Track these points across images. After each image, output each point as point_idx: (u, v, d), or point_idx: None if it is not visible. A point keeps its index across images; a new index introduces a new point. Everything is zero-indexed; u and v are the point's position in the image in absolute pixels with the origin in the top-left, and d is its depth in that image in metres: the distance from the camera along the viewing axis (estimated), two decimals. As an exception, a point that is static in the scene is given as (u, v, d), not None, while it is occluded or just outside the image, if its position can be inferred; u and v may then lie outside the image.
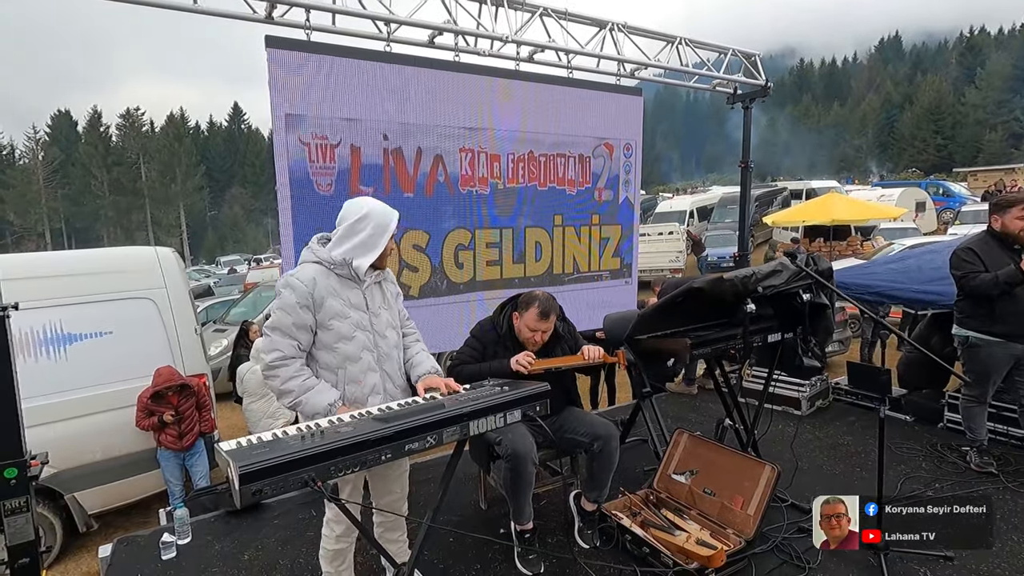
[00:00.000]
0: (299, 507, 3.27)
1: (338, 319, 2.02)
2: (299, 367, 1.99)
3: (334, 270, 2.04)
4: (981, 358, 3.27)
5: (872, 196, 19.98)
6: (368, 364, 2.07)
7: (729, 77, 5.79)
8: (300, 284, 1.98)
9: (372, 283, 2.13)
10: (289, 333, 1.98)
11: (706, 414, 4.59)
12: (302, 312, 1.99)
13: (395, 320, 2.21)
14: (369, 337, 2.08)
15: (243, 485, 1.40)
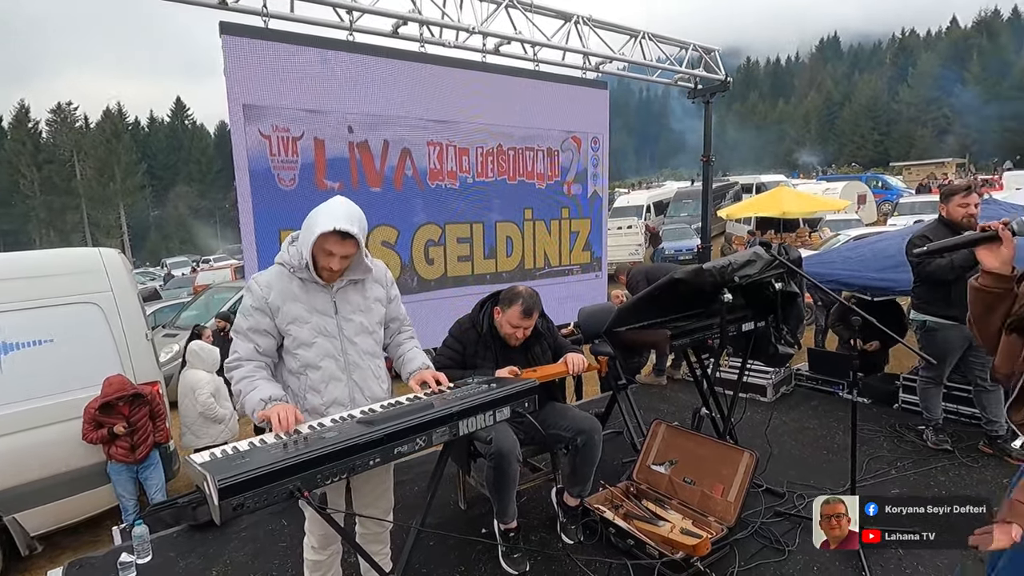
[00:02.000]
0: (269, 517, 3.11)
1: (296, 324, 1.91)
2: (252, 368, 1.89)
3: (295, 273, 1.92)
4: (938, 341, 3.41)
5: (818, 189, 20.88)
6: (331, 373, 1.94)
7: (691, 72, 5.89)
8: (257, 287, 1.91)
9: (345, 285, 1.98)
10: (247, 336, 1.91)
11: (677, 404, 4.66)
12: (258, 316, 1.90)
13: (372, 325, 2.04)
14: (335, 344, 1.95)
15: (223, 500, 1.29)
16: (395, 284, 2.19)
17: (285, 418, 1.68)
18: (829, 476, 3.20)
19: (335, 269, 1.89)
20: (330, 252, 1.85)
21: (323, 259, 1.87)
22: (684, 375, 5.25)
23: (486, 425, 1.82)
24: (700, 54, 5.95)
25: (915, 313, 3.54)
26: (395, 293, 2.18)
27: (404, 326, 2.23)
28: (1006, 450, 3.37)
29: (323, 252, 1.86)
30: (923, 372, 3.66)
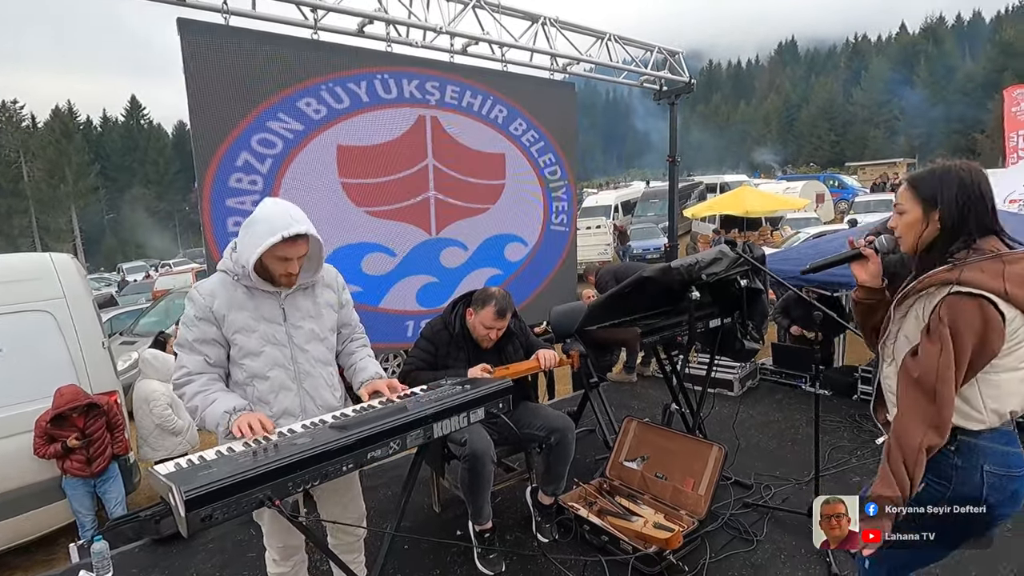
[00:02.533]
0: (237, 527, 3.03)
1: (242, 333, 1.83)
2: (205, 382, 1.81)
3: (239, 280, 1.84)
4: None
5: (778, 189, 21.52)
6: (280, 383, 1.87)
7: (656, 74, 5.98)
8: (199, 297, 1.82)
9: (294, 291, 1.90)
10: (193, 349, 1.83)
11: (647, 400, 4.73)
12: (203, 326, 1.82)
13: (323, 332, 1.97)
14: (284, 352, 1.88)
15: (190, 511, 1.25)
16: (347, 289, 2.12)
17: (257, 427, 1.63)
18: (794, 467, 3.30)
19: (295, 273, 1.83)
20: (285, 258, 1.78)
21: (280, 268, 1.80)
22: (654, 372, 5.33)
23: (460, 427, 1.81)
24: (664, 56, 6.06)
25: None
26: (347, 298, 2.10)
27: (356, 333, 2.15)
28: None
29: (278, 261, 1.78)
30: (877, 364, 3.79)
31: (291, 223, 1.74)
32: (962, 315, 1.33)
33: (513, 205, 4.81)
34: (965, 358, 1.34)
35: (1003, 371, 1.38)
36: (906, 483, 1.38)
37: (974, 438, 1.43)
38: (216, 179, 3.38)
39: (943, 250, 1.43)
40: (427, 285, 4.40)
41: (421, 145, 4.23)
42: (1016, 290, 1.32)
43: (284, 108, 3.59)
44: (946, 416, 1.36)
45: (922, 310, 1.43)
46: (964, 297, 1.34)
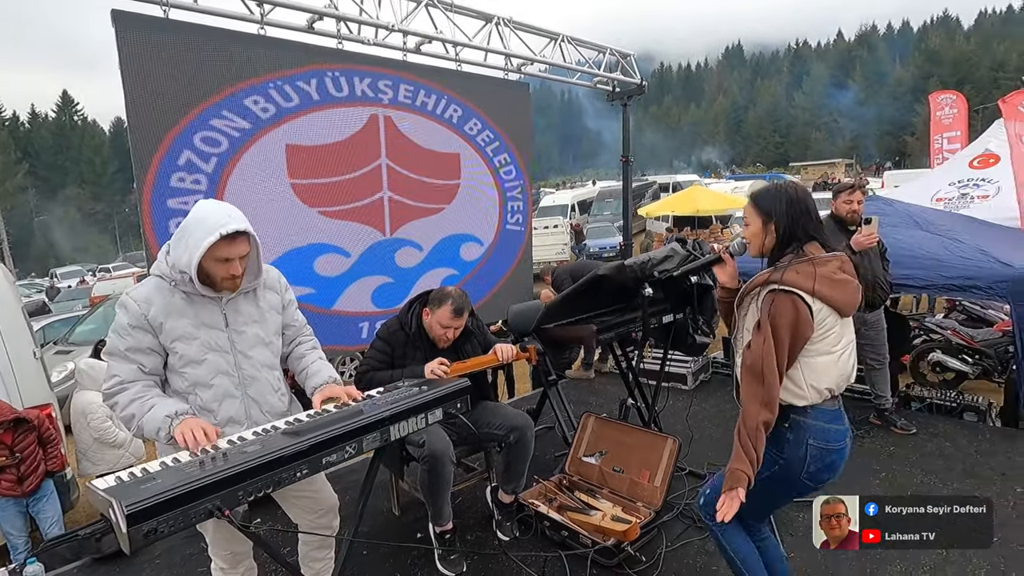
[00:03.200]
0: (185, 541, 2.90)
1: (182, 341, 1.75)
2: (140, 389, 1.72)
3: (177, 286, 1.75)
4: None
5: (727, 188, 22.29)
6: (224, 390, 1.81)
7: (609, 75, 6.09)
8: (133, 304, 1.72)
9: (236, 296, 1.82)
10: (126, 357, 1.73)
11: (605, 396, 4.81)
12: (137, 334, 1.72)
13: (268, 336, 1.90)
14: (228, 359, 1.81)
15: (132, 526, 1.19)
16: (290, 289, 2.05)
17: (200, 436, 1.56)
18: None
19: (238, 274, 1.75)
20: (226, 259, 1.70)
21: (221, 270, 1.72)
22: (611, 368, 5.43)
23: (418, 428, 1.79)
24: (617, 58, 6.17)
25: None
26: (290, 297, 2.03)
27: (303, 335, 2.08)
28: (892, 421, 3.75)
29: (218, 263, 1.70)
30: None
31: (228, 220, 1.67)
32: (779, 309, 1.61)
33: (468, 205, 4.81)
34: (784, 345, 1.61)
35: (818, 355, 1.67)
36: (753, 456, 1.60)
37: (802, 416, 1.69)
38: (157, 179, 3.23)
39: (779, 254, 1.70)
40: (382, 286, 4.34)
41: (374, 144, 4.17)
42: (823, 288, 1.61)
43: (229, 106, 3.46)
44: (773, 395, 1.61)
45: (755, 307, 1.69)
46: (781, 294, 1.61)
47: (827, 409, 1.71)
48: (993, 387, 5.01)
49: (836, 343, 1.68)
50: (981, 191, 6.17)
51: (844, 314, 1.68)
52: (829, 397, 1.70)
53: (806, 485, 1.75)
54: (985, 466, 3.23)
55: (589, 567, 2.43)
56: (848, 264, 1.71)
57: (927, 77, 52.40)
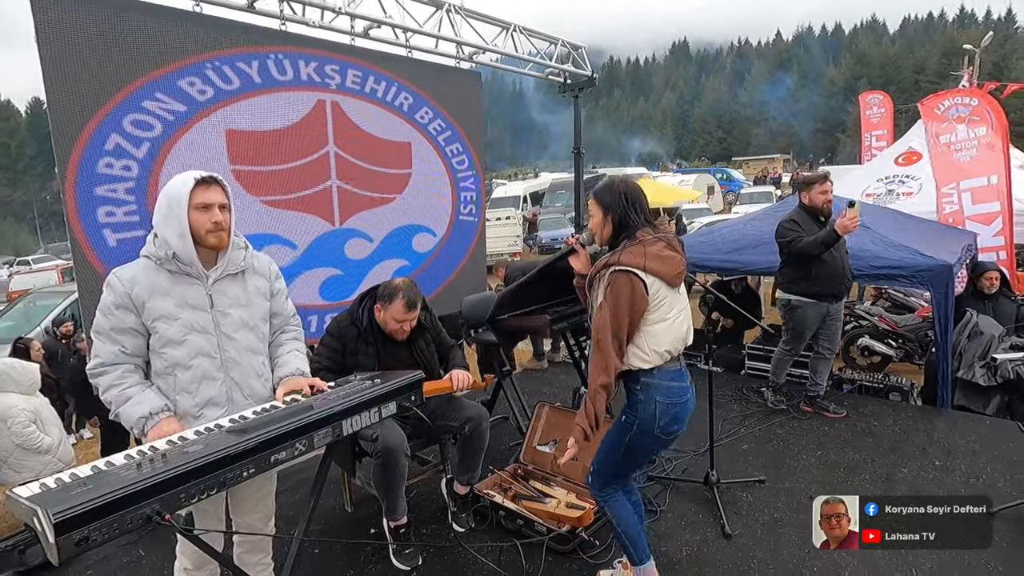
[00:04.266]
0: (122, 548, 2.75)
1: (163, 321, 1.75)
2: (120, 375, 1.74)
3: (163, 265, 1.76)
4: (799, 318, 3.79)
5: (674, 181, 22.94)
6: (204, 372, 1.79)
7: (560, 67, 6.11)
8: (118, 283, 1.74)
9: (223, 276, 1.83)
10: (110, 337, 1.74)
11: (558, 386, 4.87)
12: (121, 314, 1.73)
13: (253, 320, 1.90)
14: (211, 341, 1.80)
15: (61, 535, 1.11)
16: (281, 278, 2.05)
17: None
18: (691, 439, 3.52)
19: (220, 221, 1.76)
20: (204, 205, 1.73)
21: (205, 219, 1.74)
22: (564, 358, 5.50)
23: (371, 423, 1.76)
24: (568, 50, 6.19)
25: (780, 293, 3.88)
26: (280, 287, 2.03)
27: (289, 325, 2.07)
28: (823, 407, 3.93)
29: (199, 211, 1.73)
30: (783, 344, 4.00)
31: (199, 172, 1.75)
32: (618, 287, 1.86)
33: (420, 195, 4.72)
34: (625, 317, 1.85)
35: (656, 323, 1.92)
36: (591, 413, 1.89)
37: (649, 377, 1.96)
38: (82, 164, 3.00)
39: (616, 240, 1.97)
40: (331, 278, 4.22)
41: (321, 131, 4.02)
42: (652, 264, 1.87)
43: (163, 87, 3.25)
44: (610, 362, 1.86)
45: (601, 287, 1.92)
46: (619, 273, 1.86)
47: (669, 369, 1.98)
48: (915, 369, 5.40)
49: (669, 311, 1.94)
50: (906, 188, 6.60)
51: (673, 285, 1.95)
52: (670, 358, 1.97)
53: (660, 439, 2.03)
54: (908, 442, 3.48)
55: (544, 554, 2.46)
56: (675, 242, 2.00)
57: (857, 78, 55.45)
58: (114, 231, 3.11)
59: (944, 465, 3.18)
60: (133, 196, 3.19)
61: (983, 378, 3.96)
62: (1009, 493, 2.81)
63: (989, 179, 5.53)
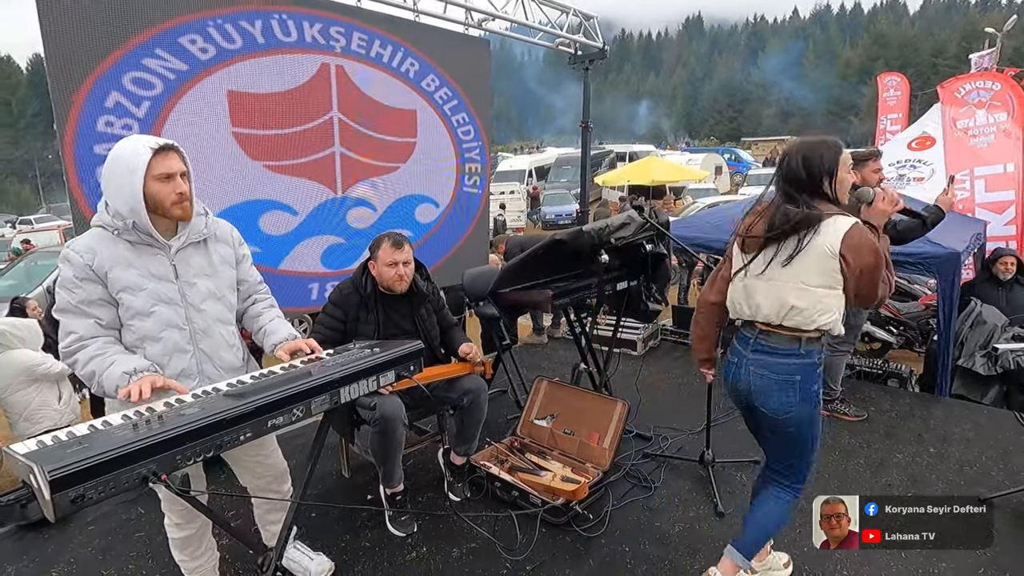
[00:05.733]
0: (122, 506, 2.79)
1: (128, 292, 1.68)
2: (101, 345, 1.66)
3: (121, 235, 1.68)
4: (858, 312, 3.52)
5: (682, 160, 22.65)
6: (175, 344, 1.75)
7: (571, 37, 5.96)
8: (76, 256, 1.65)
9: (185, 246, 1.76)
10: (80, 312, 1.66)
11: (557, 361, 4.88)
12: (86, 285, 1.65)
13: (220, 290, 1.85)
14: (179, 312, 1.75)
15: (56, 492, 1.11)
16: (245, 244, 1.99)
17: (147, 391, 1.51)
18: (689, 419, 3.56)
19: (184, 192, 1.69)
20: (166, 175, 1.64)
21: (166, 190, 1.65)
22: (564, 334, 5.50)
23: (369, 391, 1.75)
24: (580, 20, 6.04)
25: None
26: (244, 252, 1.97)
27: (259, 292, 2.03)
28: (839, 410, 3.66)
29: (160, 182, 1.64)
30: (838, 345, 3.51)
31: (156, 140, 1.65)
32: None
33: (424, 165, 4.66)
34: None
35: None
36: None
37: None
38: (81, 121, 2.94)
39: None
40: (333, 246, 4.19)
41: (325, 95, 3.94)
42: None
43: (163, 44, 3.17)
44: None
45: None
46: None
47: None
48: (915, 356, 5.39)
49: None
50: (917, 172, 6.49)
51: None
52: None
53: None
54: (904, 428, 3.49)
55: (538, 525, 2.49)
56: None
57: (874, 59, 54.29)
58: (114, 191, 3.07)
59: (939, 452, 3.19)
60: (133, 156, 3.14)
61: (983, 367, 3.95)
62: (1002, 482, 2.83)
63: (1005, 167, 5.44)
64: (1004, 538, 2.39)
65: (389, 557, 2.40)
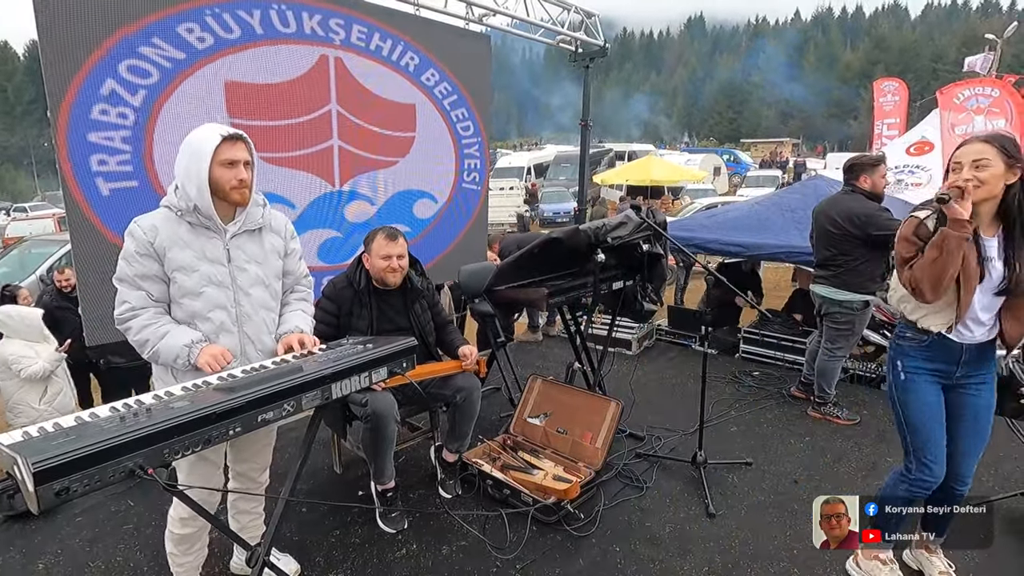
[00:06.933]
0: (111, 498, 2.77)
1: (182, 272, 1.78)
2: (152, 315, 1.78)
3: (183, 216, 1.79)
4: (864, 319, 3.49)
5: (681, 160, 22.66)
6: (222, 324, 1.84)
7: (572, 34, 5.94)
8: (140, 231, 1.76)
9: (240, 232, 1.86)
10: (135, 284, 1.77)
11: (552, 359, 4.88)
12: (144, 261, 1.76)
13: (268, 278, 1.94)
14: (227, 294, 1.85)
15: (40, 485, 1.10)
16: (296, 238, 2.09)
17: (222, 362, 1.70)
18: (682, 419, 3.57)
19: (245, 179, 1.80)
20: (230, 161, 1.76)
21: (229, 175, 1.76)
22: (558, 332, 5.50)
23: (361, 387, 1.74)
24: (581, 17, 6.02)
25: (852, 294, 3.37)
26: (294, 247, 2.07)
27: (299, 285, 2.12)
28: (831, 413, 3.61)
29: (224, 167, 1.76)
30: (836, 350, 3.53)
31: (227, 128, 1.78)
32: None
33: (423, 160, 4.63)
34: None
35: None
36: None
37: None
38: (75, 108, 2.91)
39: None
40: (330, 240, 4.17)
41: (324, 88, 3.91)
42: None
43: (160, 32, 3.13)
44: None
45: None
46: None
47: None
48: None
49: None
50: (915, 178, 6.49)
51: None
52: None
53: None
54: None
55: (529, 524, 2.49)
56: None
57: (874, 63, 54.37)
58: (107, 180, 3.03)
59: (930, 457, 3.19)
60: (129, 146, 3.10)
61: (976, 373, 3.95)
62: (992, 488, 2.84)
63: (1002, 173, 5.44)
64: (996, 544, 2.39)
65: (379, 553, 2.40)
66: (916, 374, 1.99)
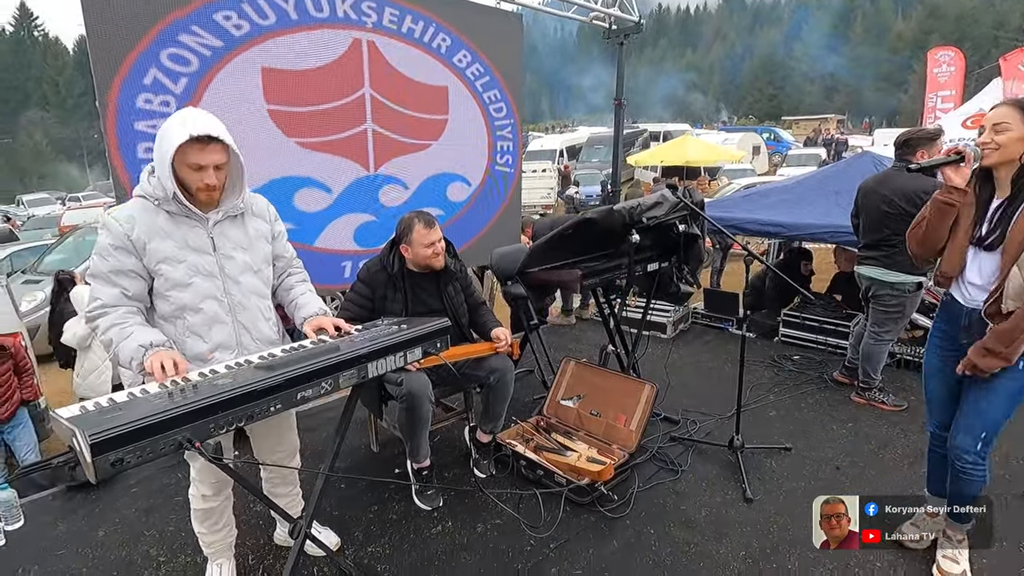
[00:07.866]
0: (164, 471, 2.92)
1: (168, 263, 1.71)
2: (121, 315, 1.68)
3: (161, 205, 1.71)
4: (915, 301, 3.38)
5: (718, 140, 22.00)
6: (214, 315, 1.79)
7: (606, 10, 5.80)
8: (115, 224, 1.68)
9: (222, 219, 1.79)
10: (108, 280, 1.69)
11: (585, 342, 4.85)
12: (120, 255, 1.68)
13: (257, 263, 1.88)
14: (216, 284, 1.78)
15: (97, 456, 1.16)
16: (280, 220, 2.03)
17: (169, 367, 1.53)
18: (718, 403, 3.51)
19: (213, 184, 1.70)
20: (198, 166, 1.65)
21: (195, 178, 1.67)
22: (592, 315, 5.46)
23: (396, 367, 1.76)
24: (615, -8, 5.86)
25: (905, 276, 3.24)
26: (280, 229, 2.01)
27: (293, 267, 2.08)
28: (876, 399, 3.52)
29: (190, 169, 1.66)
30: (884, 333, 3.42)
31: (202, 126, 1.63)
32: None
33: (456, 142, 4.62)
34: None
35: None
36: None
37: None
38: (121, 99, 3.01)
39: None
40: (365, 224, 4.22)
41: (357, 72, 3.93)
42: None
43: (199, 20, 3.20)
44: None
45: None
46: None
47: None
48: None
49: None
50: (971, 151, 6.15)
51: None
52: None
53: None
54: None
55: (563, 504, 2.50)
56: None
57: (928, 32, 51.28)
58: (153, 167, 3.14)
59: (983, 445, 3.05)
60: (171, 133, 3.20)
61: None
62: None
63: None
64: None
65: (415, 529, 2.45)
66: (933, 335, 2.08)
